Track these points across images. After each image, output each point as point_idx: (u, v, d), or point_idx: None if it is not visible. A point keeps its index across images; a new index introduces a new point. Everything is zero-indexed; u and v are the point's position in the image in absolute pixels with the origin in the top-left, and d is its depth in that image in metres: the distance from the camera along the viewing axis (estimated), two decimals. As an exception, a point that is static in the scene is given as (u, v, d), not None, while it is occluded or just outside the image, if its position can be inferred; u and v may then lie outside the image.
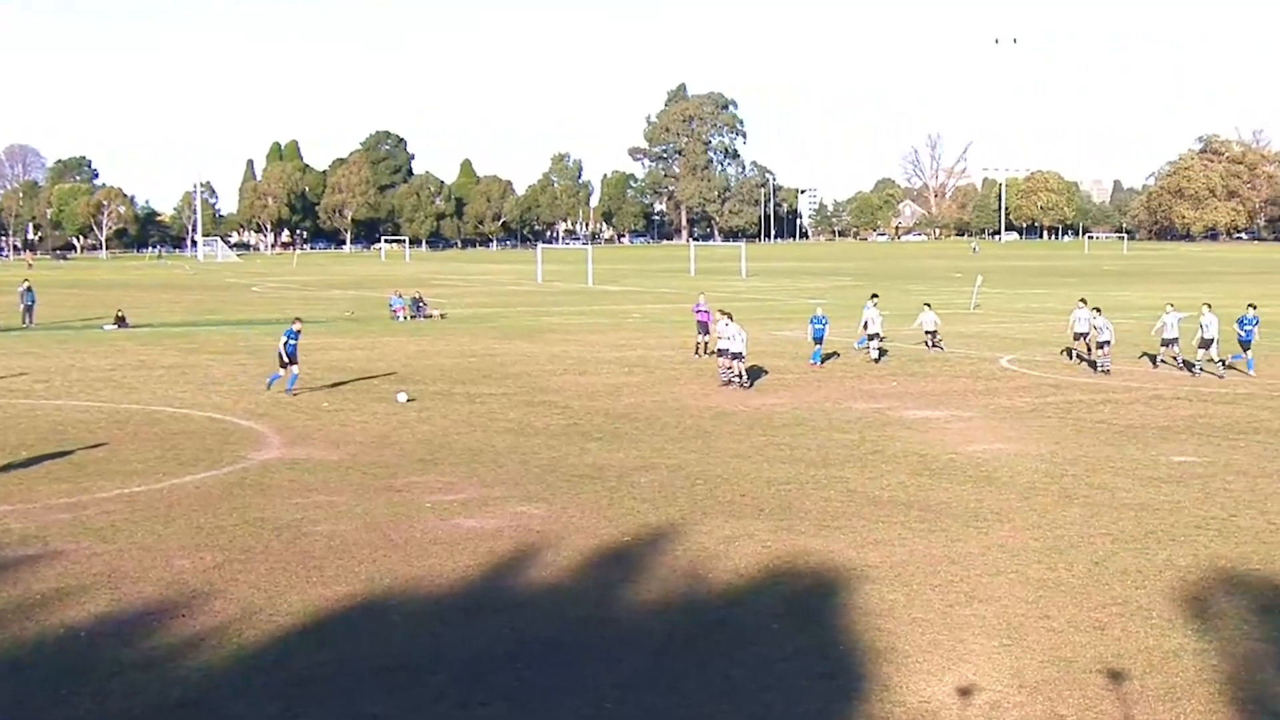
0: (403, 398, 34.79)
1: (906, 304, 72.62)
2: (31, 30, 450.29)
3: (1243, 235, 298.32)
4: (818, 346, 43.83)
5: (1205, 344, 40.58)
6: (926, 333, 48.73)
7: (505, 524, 20.77)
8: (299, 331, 36.98)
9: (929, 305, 51.20)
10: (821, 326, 44.35)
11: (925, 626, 15.56)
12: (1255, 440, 28.65)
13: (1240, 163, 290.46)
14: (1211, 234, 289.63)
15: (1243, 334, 41.21)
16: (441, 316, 69.36)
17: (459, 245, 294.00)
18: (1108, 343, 41.37)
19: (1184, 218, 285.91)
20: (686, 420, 31.89)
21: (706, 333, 47.26)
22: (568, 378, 40.85)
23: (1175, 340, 41.96)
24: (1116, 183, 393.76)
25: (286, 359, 36.17)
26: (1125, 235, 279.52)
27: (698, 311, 48.82)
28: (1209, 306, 41.87)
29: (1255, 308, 42.56)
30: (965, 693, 13.45)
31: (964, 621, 15.74)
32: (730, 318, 38.63)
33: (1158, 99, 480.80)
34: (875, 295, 48.53)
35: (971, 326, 60.06)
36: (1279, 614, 15.96)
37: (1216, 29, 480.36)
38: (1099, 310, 43.33)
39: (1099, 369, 41.19)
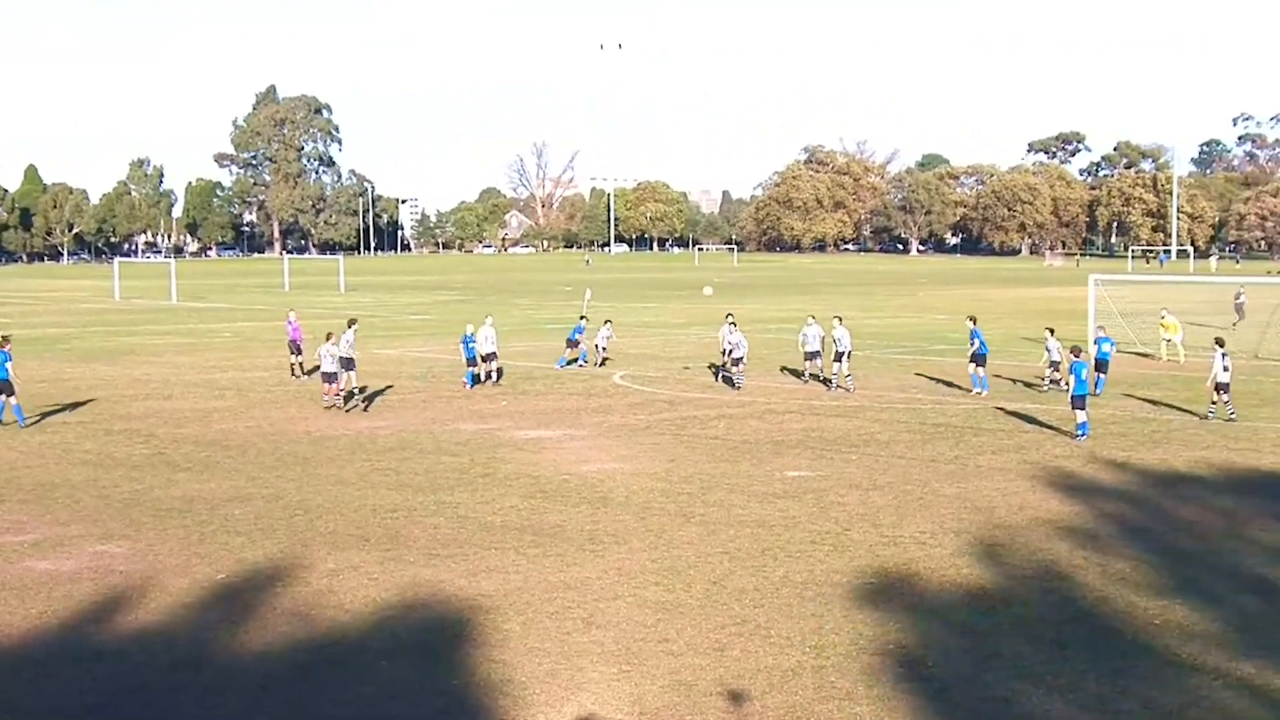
0: None
1: (519, 319, 73.39)
2: None
3: (850, 246, 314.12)
4: (470, 368, 43.13)
5: (839, 357, 41.85)
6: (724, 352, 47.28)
7: (84, 565, 19.92)
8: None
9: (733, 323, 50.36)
10: (474, 347, 43.73)
11: (542, 656, 15.77)
12: (866, 453, 30.22)
13: (845, 173, 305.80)
14: (820, 245, 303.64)
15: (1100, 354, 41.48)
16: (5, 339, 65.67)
17: (24, 259, 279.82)
18: (741, 359, 42.60)
19: (793, 229, 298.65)
20: (284, 446, 31.32)
21: (299, 352, 46.54)
22: (151, 403, 39.50)
23: (818, 354, 43.65)
24: (725, 193, 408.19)
25: None
26: (735, 247, 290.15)
27: (291, 330, 47.98)
28: (840, 320, 43.37)
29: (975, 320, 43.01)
30: (586, 723, 13.69)
31: (582, 649, 16.02)
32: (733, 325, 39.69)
33: (765, 108, 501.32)
34: (489, 316, 48.77)
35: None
36: (893, 627, 16.89)
37: (820, 40, 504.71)
38: (734, 324, 44.37)
39: (734, 384, 42.38)
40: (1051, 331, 42.33)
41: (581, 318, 50.61)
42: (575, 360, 49.23)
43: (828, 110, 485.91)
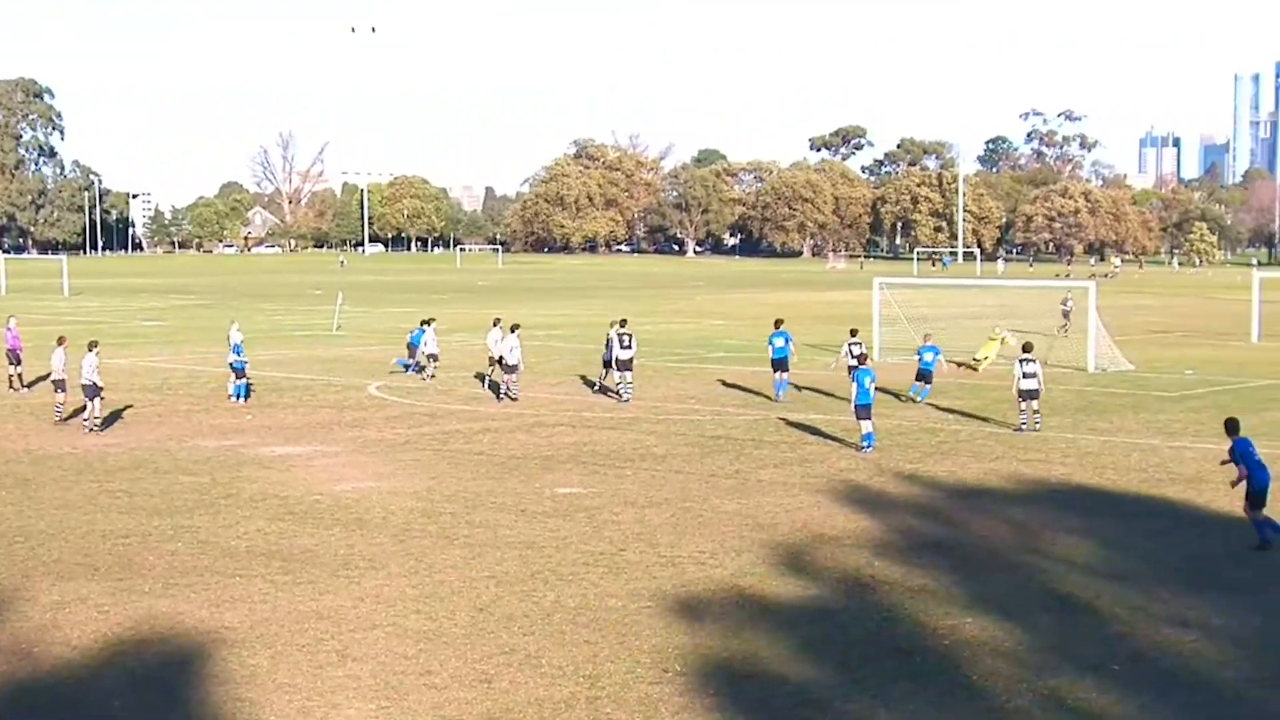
0: None
1: (266, 325, 72.25)
2: None
3: (623, 247, 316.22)
4: (239, 380, 41.96)
5: (622, 365, 41.85)
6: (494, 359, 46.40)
7: None
8: None
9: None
10: (242, 359, 42.46)
11: (293, 692, 15.54)
12: (641, 468, 30.44)
13: (618, 169, 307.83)
14: (591, 245, 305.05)
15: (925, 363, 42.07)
16: None
17: None
18: (516, 367, 42.33)
19: (562, 228, 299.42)
20: (1, 466, 30.35)
21: (18, 362, 45.20)
22: None
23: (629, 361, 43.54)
24: (489, 189, 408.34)
25: None
26: (500, 247, 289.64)
27: (9, 338, 46.53)
28: (622, 323, 43.36)
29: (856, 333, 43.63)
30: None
31: (337, 683, 15.83)
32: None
33: (532, 99, 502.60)
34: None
35: (334, 350, 60.47)
36: (671, 654, 17.03)
37: (590, 28, 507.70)
38: (515, 328, 43.95)
39: (505, 395, 42.13)
40: (854, 333, 43.25)
41: (424, 321, 50.02)
42: (412, 367, 49.39)
43: (598, 102, 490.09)
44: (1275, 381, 47.94)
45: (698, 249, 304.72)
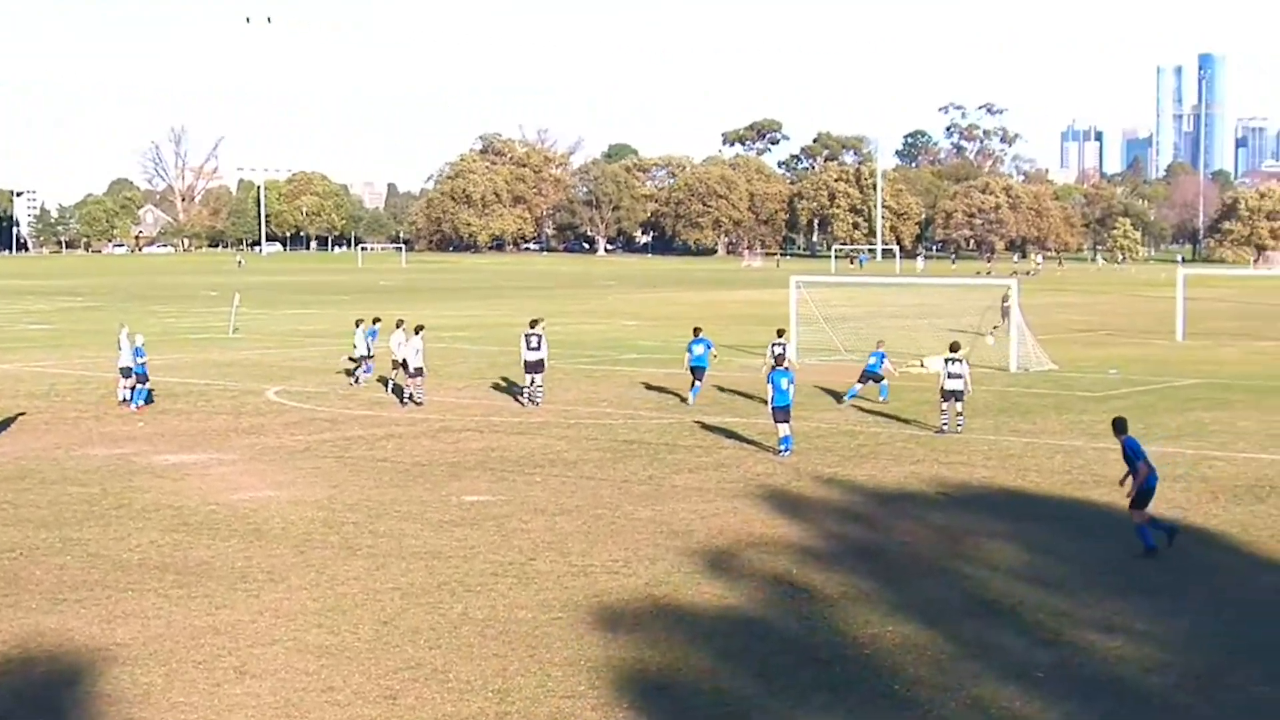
0: None
1: (159, 328, 71.54)
2: None
3: (531, 245, 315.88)
4: (139, 385, 41.29)
5: (531, 367, 41.62)
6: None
7: None
8: None
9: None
10: (142, 362, 41.78)
11: (189, 711, 15.40)
12: (552, 474, 30.41)
13: (525, 165, 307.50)
14: (498, 244, 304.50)
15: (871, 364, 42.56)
16: None
17: None
18: (420, 370, 42.11)
19: (469, 226, 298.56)
20: (-124, 478, 29.90)
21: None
22: None
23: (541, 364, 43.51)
24: (391, 186, 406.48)
25: None
26: (403, 246, 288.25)
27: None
28: (533, 324, 43.20)
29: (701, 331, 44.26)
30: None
31: (235, 702, 15.71)
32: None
33: (436, 92, 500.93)
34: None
35: (230, 354, 60.00)
36: (584, 667, 17.02)
37: (497, 19, 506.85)
38: (420, 330, 43.71)
39: (409, 399, 41.93)
40: (780, 333, 43.60)
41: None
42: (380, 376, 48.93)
43: (506, 96, 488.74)
44: (1200, 381, 48.59)
45: (609, 247, 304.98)
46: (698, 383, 42.79)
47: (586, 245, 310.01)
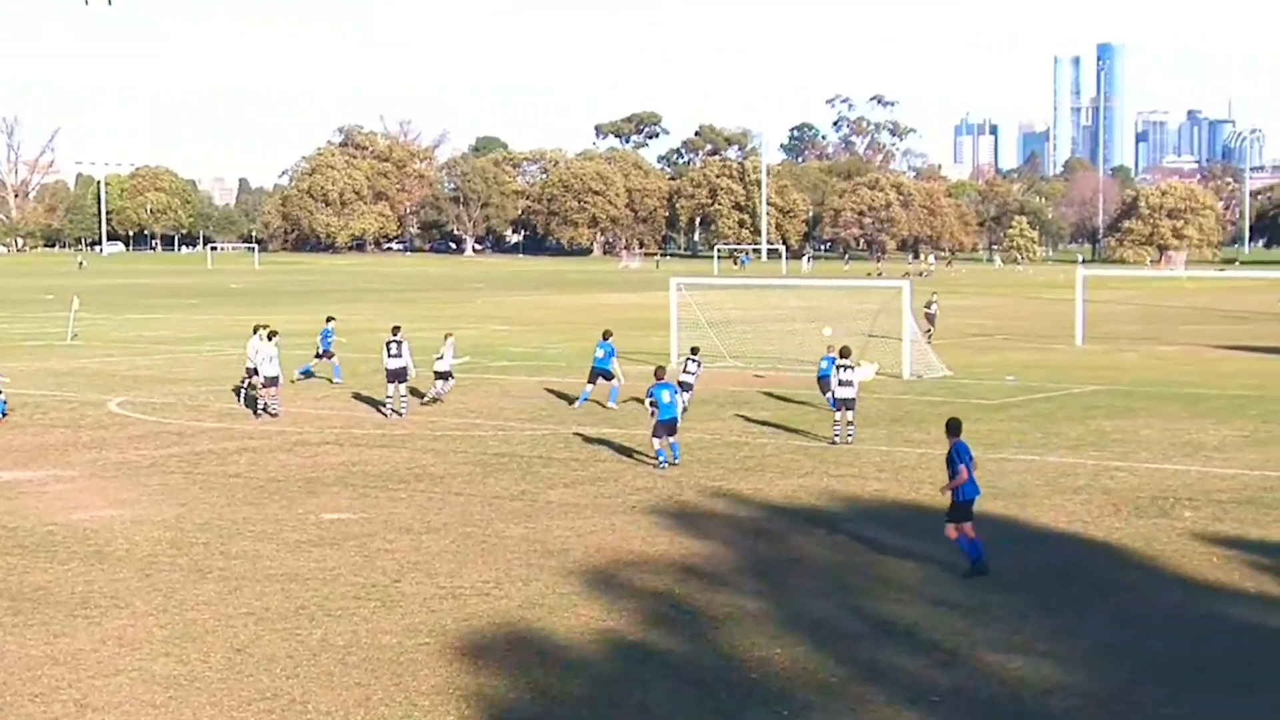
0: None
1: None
2: None
3: (394, 246, 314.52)
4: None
5: (392, 376, 41.92)
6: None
7: None
8: None
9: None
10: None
11: (25, 750, 15.17)
12: (418, 489, 30.29)
13: (388, 159, 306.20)
14: (359, 244, 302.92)
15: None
16: None
17: None
18: (275, 379, 41.79)
19: (327, 224, 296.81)
20: None
21: None
22: None
23: (449, 374, 44.54)
24: (243, 182, 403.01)
25: None
26: (256, 246, 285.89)
27: None
28: (394, 330, 43.40)
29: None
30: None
31: (75, 739, 15.48)
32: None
33: (292, 83, 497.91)
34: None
35: (69, 362, 59.22)
36: (453, 696, 16.95)
37: (354, 8, 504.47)
38: (273, 335, 43.44)
39: (263, 410, 41.60)
40: (696, 351, 43.80)
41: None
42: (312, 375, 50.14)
43: (366, 85, 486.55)
44: (1101, 387, 49.33)
45: (477, 247, 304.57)
46: (590, 387, 43.49)
47: (453, 245, 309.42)
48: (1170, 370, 56.34)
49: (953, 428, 24.05)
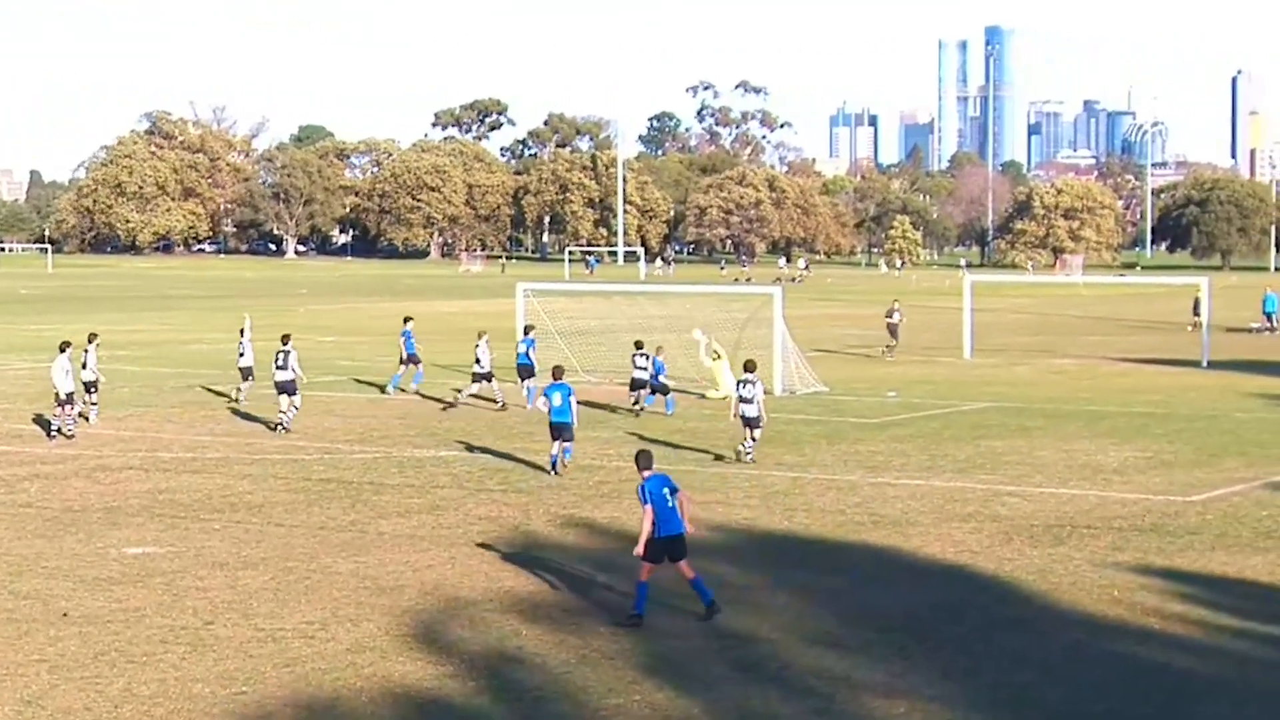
0: None
1: None
2: None
3: (206, 247, 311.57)
4: None
5: (281, 388, 43.12)
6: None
7: None
8: None
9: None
10: None
11: None
12: (233, 520, 30.03)
13: (199, 150, 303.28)
14: (166, 245, 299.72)
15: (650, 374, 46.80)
16: None
17: None
18: (71, 397, 41.35)
19: (129, 223, 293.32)
20: None
21: None
22: None
23: (489, 375, 47.01)
24: (34, 175, 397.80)
25: None
26: (50, 247, 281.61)
27: None
28: (243, 330, 43.74)
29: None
30: None
31: None
32: None
33: (90, 63, 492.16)
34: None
35: None
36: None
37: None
38: (65, 347, 42.99)
39: (57, 432, 41.11)
40: (639, 345, 46.16)
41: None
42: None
43: (175, 66, 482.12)
44: (991, 404, 49.86)
45: (300, 249, 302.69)
46: (532, 383, 47.17)
47: (273, 246, 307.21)
48: (1067, 386, 57.07)
49: (640, 460, 23.04)
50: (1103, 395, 53.04)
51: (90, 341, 43.98)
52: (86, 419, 43.10)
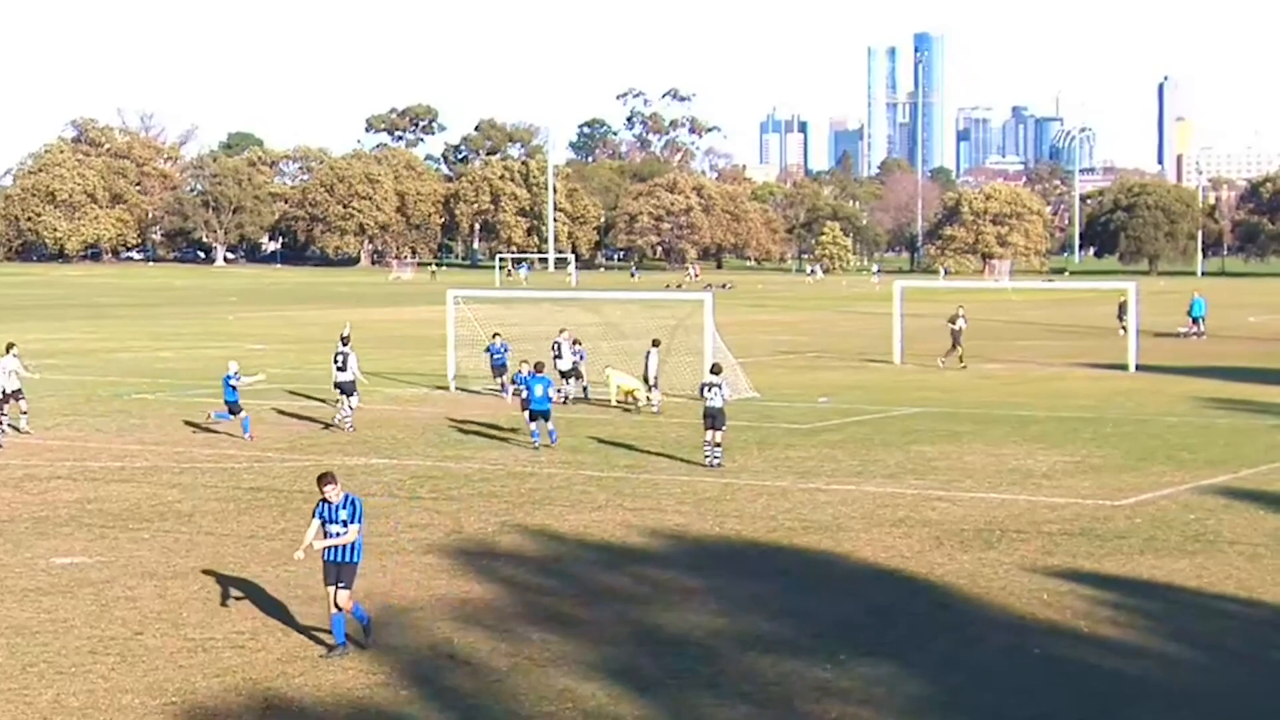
0: None
1: None
2: None
3: (134, 254, 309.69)
4: None
5: (346, 389, 44.41)
6: None
7: None
8: None
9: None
10: None
11: None
12: (163, 529, 29.85)
13: (127, 157, 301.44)
14: (93, 253, 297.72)
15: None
16: None
17: None
18: (18, 393, 41.15)
19: (55, 231, 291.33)
20: None
21: None
22: None
23: (576, 372, 49.58)
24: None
25: None
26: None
27: None
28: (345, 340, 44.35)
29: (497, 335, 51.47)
30: None
31: None
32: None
33: (15, 68, 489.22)
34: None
35: None
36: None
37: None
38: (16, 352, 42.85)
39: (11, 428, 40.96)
40: (578, 343, 45.79)
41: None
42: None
43: (102, 73, 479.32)
44: (921, 410, 49.97)
45: (229, 256, 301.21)
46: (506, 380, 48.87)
47: (203, 254, 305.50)
48: (996, 390, 57.29)
49: (322, 482, 21.54)
50: (1032, 400, 53.26)
51: (8, 351, 43.66)
52: (16, 429, 42.86)
